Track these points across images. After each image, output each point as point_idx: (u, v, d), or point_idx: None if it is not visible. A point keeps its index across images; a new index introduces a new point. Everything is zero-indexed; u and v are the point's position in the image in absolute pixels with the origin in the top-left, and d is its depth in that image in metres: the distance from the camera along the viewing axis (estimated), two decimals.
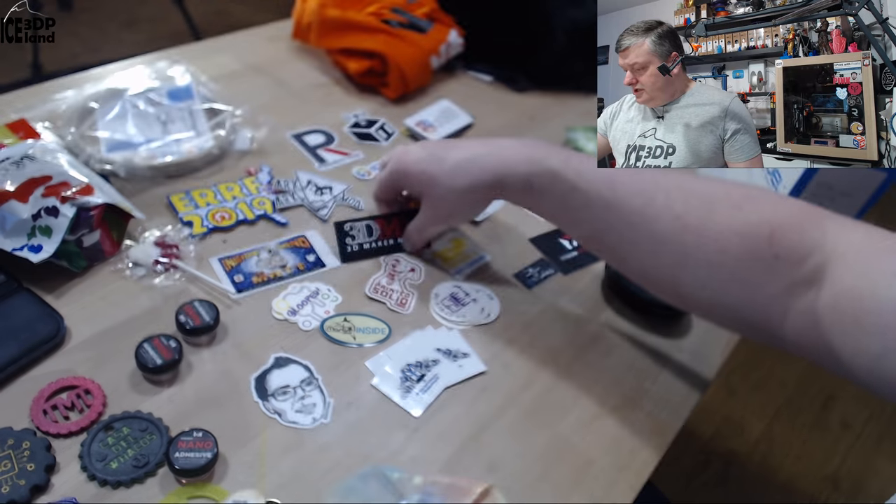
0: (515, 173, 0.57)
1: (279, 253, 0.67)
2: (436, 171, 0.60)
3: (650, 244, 0.51)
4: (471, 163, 0.59)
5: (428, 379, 0.57)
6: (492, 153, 0.59)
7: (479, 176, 0.58)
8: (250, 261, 0.65)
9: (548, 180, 0.55)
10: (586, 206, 0.54)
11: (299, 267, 0.66)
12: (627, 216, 0.52)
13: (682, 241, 0.49)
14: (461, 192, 0.60)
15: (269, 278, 0.64)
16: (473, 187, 0.59)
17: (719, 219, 0.48)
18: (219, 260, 0.65)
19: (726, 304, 0.49)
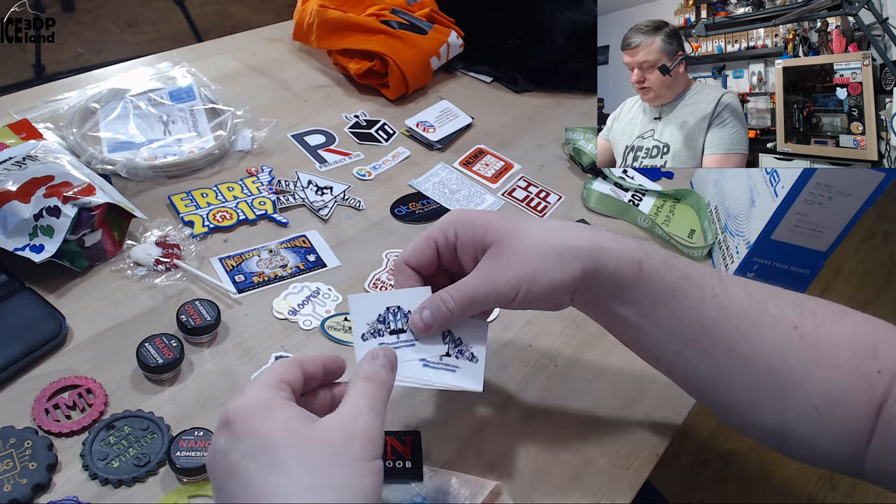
0: (625, 246, 0.45)
1: (280, 253, 0.67)
2: (519, 223, 0.46)
3: (764, 362, 0.43)
4: (566, 225, 0.47)
5: (403, 339, 0.47)
6: (588, 228, 0.48)
7: (577, 238, 0.45)
8: (251, 261, 0.66)
9: (660, 263, 0.45)
10: (699, 303, 0.44)
11: (300, 266, 0.66)
12: (741, 323, 0.43)
13: (800, 357, 0.42)
14: (551, 248, 0.45)
15: (269, 278, 0.64)
16: (570, 247, 0.45)
17: (829, 330, 0.43)
18: (220, 260, 0.65)
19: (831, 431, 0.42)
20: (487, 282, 0.45)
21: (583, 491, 0.52)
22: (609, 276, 0.45)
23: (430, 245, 0.48)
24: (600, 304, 0.47)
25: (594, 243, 0.45)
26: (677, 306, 0.45)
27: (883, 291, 2.08)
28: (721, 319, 0.44)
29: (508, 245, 0.45)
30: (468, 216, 0.48)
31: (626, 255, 0.45)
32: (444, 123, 0.91)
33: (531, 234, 0.45)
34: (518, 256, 0.45)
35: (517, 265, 0.45)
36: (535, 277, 0.44)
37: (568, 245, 0.45)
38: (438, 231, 0.48)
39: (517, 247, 0.45)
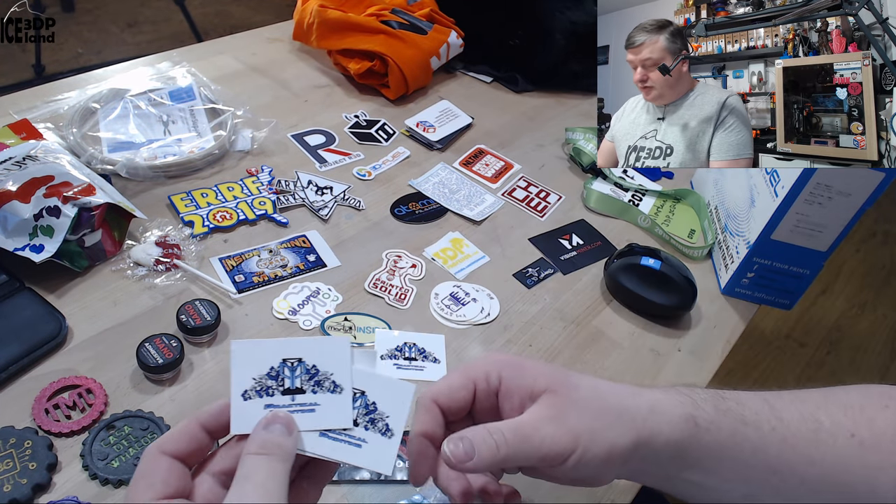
0: (675, 403, 0.41)
1: (280, 253, 0.67)
2: (570, 373, 0.42)
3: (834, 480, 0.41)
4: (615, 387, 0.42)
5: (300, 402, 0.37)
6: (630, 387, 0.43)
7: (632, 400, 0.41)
8: (251, 261, 0.66)
9: (712, 413, 0.41)
10: (761, 443, 0.41)
11: (300, 267, 0.66)
12: (804, 448, 0.41)
13: (865, 465, 0.41)
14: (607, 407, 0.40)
15: (269, 278, 0.64)
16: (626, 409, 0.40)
17: (882, 426, 0.42)
18: (220, 260, 0.65)
19: None
20: (544, 428, 0.39)
21: (583, 491, 0.52)
22: (665, 443, 0.40)
23: (468, 386, 0.41)
24: (656, 473, 0.43)
25: (646, 406, 0.41)
26: (741, 453, 0.41)
27: (883, 291, 2.08)
28: (786, 454, 0.41)
29: (565, 395, 0.40)
30: (514, 360, 0.42)
31: (678, 413, 0.41)
32: (444, 123, 0.91)
33: (584, 387, 0.41)
34: (575, 410, 0.39)
35: (575, 419, 0.39)
36: (595, 437, 0.39)
37: (623, 406, 0.40)
38: (480, 372, 0.42)
39: (573, 398, 0.40)
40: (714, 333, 0.67)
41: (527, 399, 0.40)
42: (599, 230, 0.78)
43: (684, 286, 0.67)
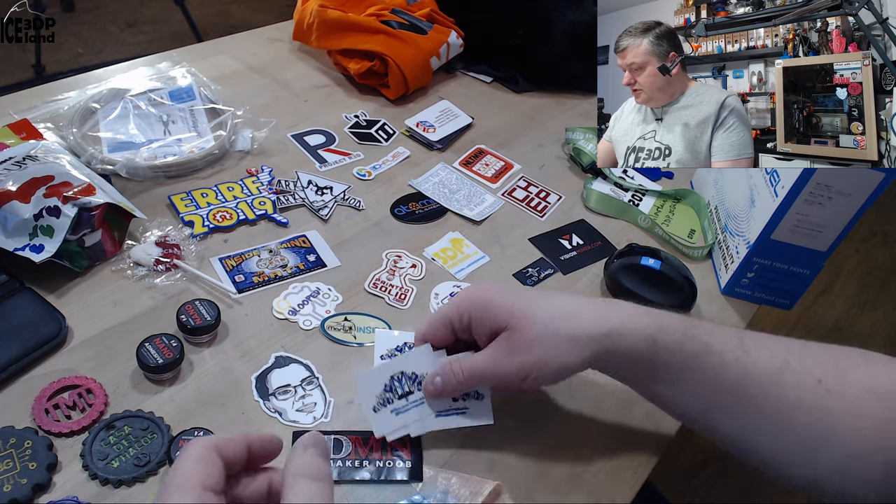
0: (637, 325, 0.46)
1: (280, 253, 0.67)
2: (531, 308, 0.47)
3: (790, 417, 0.44)
4: (580, 308, 0.48)
5: (413, 399, 0.50)
6: (602, 304, 0.48)
7: (590, 323, 0.46)
8: (251, 261, 0.66)
9: (677, 336, 0.46)
10: (720, 369, 0.45)
11: (300, 267, 0.66)
12: (765, 383, 0.44)
13: (825, 409, 0.43)
14: (563, 338, 0.46)
15: (269, 278, 0.64)
16: (581, 334, 0.46)
17: (853, 379, 0.43)
18: (220, 260, 0.65)
19: (865, 481, 0.42)
20: (497, 364, 0.48)
21: (583, 491, 0.52)
22: (622, 355, 0.46)
23: (446, 324, 0.51)
24: (621, 376, 0.50)
25: (604, 329, 0.46)
26: (700, 374, 0.46)
27: (883, 291, 2.08)
28: (744, 382, 0.45)
29: (518, 332, 0.47)
30: (483, 299, 0.49)
31: (640, 334, 0.46)
32: (444, 123, 0.91)
33: (539, 321, 0.47)
34: (526, 345, 0.47)
35: (525, 354, 0.47)
36: (543, 365, 0.47)
37: (575, 333, 0.46)
38: (454, 312, 0.50)
39: (526, 335, 0.47)
40: None
41: (493, 333, 0.49)
42: (599, 230, 0.78)
43: (684, 286, 0.67)
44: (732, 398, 0.45)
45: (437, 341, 0.52)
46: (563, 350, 0.46)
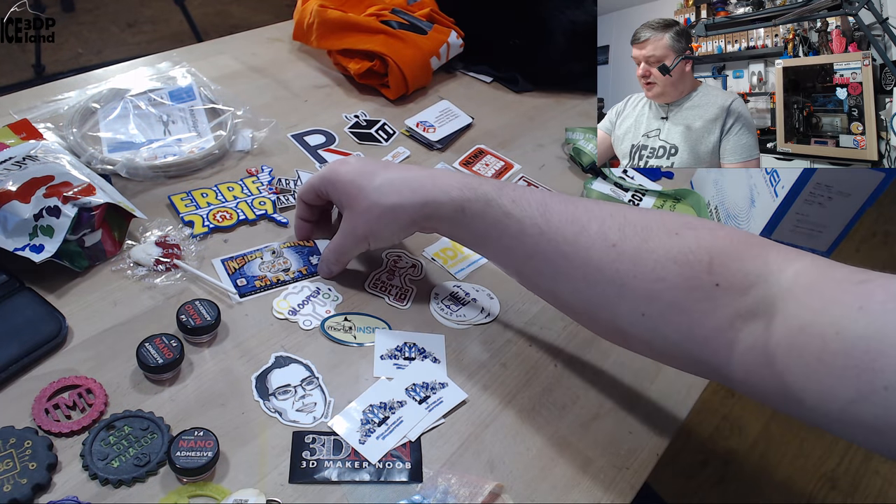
0: (448, 198, 0.54)
1: (283, 254, 0.67)
2: (365, 184, 0.57)
3: (584, 275, 0.49)
4: (402, 182, 0.56)
5: (391, 422, 0.54)
6: (424, 176, 0.56)
7: (408, 197, 0.55)
8: (253, 263, 0.65)
9: (481, 206, 0.53)
10: (519, 234, 0.52)
11: (302, 271, 0.65)
12: (560, 245, 0.50)
13: (618, 270, 0.47)
14: (385, 210, 0.56)
15: (272, 282, 0.64)
16: (399, 206, 0.56)
17: (655, 246, 0.46)
18: (222, 262, 0.65)
19: (667, 337, 0.46)
20: (345, 238, 0.60)
21: (583, 491, 0.52)
22: (440, 220, 0.56)
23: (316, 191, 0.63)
24: (443, 234, 0.59)
25: (420, 200, 0.55)
26: (499, 240, 0.53)
27: None
28: (541, 244, 0.51)
29: (355, 206, 0.58)
30: (330, 178, 0.60)
31: (450, 205, 0.54)
32: (444, 123, 0.91)
33: (368, 195, 0.57)
34: (360, 217, 0.58)
35: (360, 224, 0.58)
36: (375, 233, 0.58)
37: (395, 205, 0.56)
38: (317, 185, 0.62)
39: (359, 208, 0.57)
40: None
41: (343, 207, 0.60)
42: None
43: None
44: (534, 261, 0.52)
45: (308, 203, 0.65)
46: (389, 221, 0.57)
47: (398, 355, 0.59)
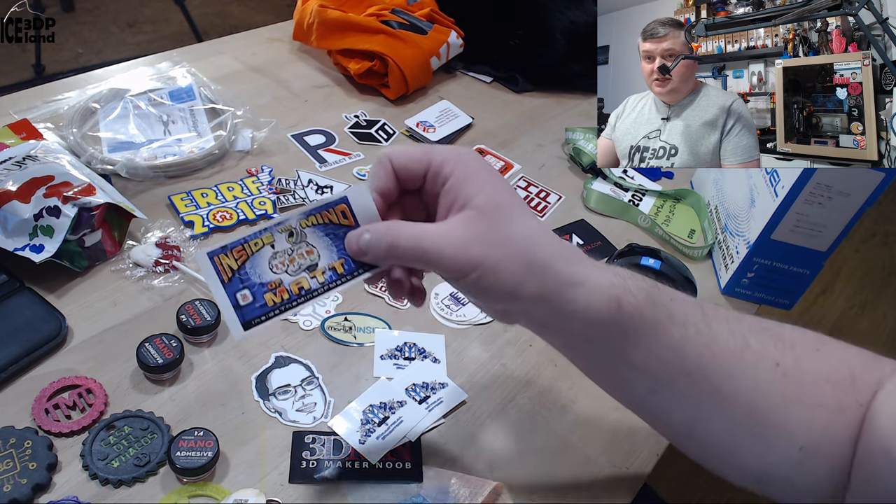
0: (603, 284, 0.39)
1: (305, 237, 0.43)
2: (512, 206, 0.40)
3: (747, 400, 0.40)
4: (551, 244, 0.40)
5: (391, 422, 0.53)
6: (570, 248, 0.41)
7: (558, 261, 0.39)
8: (261, 256, 0.41)
9: (641, 300, 0.40)
10: (681, 342, 0.40)
11: (336, 269, 0.41)
12: (726, 362, 0.40)
13: (784, 395, 0.40)
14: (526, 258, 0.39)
15: (291, 295, 0.41)
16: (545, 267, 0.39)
17: (807, 365, 0.41)
18: (209, 258, 0.41)
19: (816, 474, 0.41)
20: (448, 244, 0.38)
21: (583, 491, 0.52)
22: (576, 312, 0.39)
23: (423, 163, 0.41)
24: (561, 335, 0.43)
25: (569, 272, 0.39)
26: (657, 346, 0.40)
27: (883, 291, 2.08)
28: (705, 359, 0.40)
29: (490, 221, 0.39)
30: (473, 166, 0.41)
31: (605, 292, 0.39)
32: (444, 123, 0.91)
33: (516, 227, 0.39)
34: (493, 238, 0.39)
35: (488, 246, 0.38)
36: (498, 270, 0.38)
37: (546, 264, 0.39)
38: (439, 157, 0.41)
39: (497, 229, 0.39)
40: None
41: (457, 207, 0.40)
42: (599, 230, 0.78)
43: (684, 286, 0.67)
44: (690, 378, 0.41)
45: (403, 177, 0.42)
46: (520, 269, 0.38)
47: (398, 355, 0.59)
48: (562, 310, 0.39)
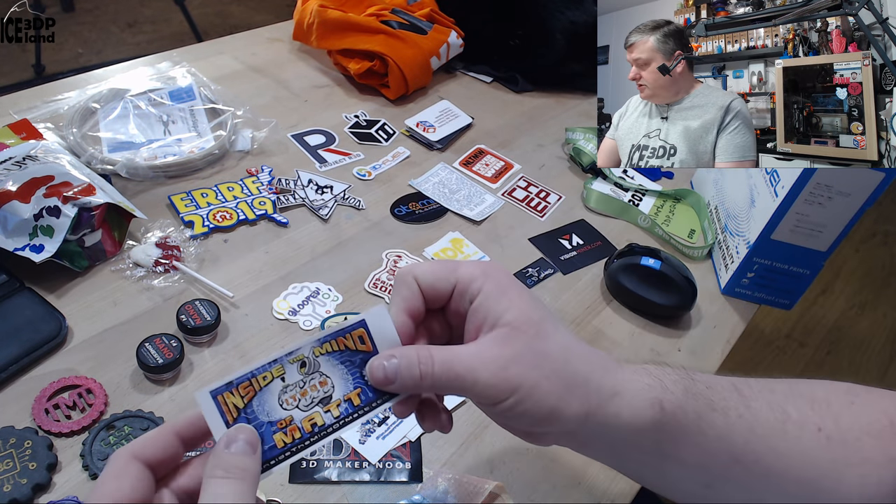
0: (640, 390, 0.38)
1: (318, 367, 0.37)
2: (543, 321, 0.38)
3: (797, 476, 0.39)
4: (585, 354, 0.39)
5: (391, 422, 0.53)
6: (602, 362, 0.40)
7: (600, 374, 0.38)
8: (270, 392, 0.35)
9: (680, 395, 0.38)
10: (726, 431, 0.39)
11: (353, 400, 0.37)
12: (770, 441, 0.39)
13: (832, 460, 0.39)
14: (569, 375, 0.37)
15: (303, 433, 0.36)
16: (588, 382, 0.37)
17: (846, 423, 0.40)
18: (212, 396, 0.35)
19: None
20: (484, 367, 0.36)
21: (583, 491, 0.52)
22: (620, 424, 0.38)
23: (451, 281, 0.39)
24: (606, 449, 0.41)
25: (610, 387, 0.38)
26: (705, 440, 0.39)
27: (883, 291, 2.08)
28: (752, 443, 0.39)
29: (526, 338, 0.37)
30: (502, 282, 0.39)
31: (645, 397, 0.38)
32: (444, 123, 0.91)
33: (553, 342, 0.38)
34: (530, 357, 0.37)
35: (521, 370, 0.36)
36: (537, 392, 0.36)
37: (585, 378, 0.37)
38: (467, 274, 0.39)
39: (533, 346, 0.37)
40: (714, 333, 0.67)
41: (488, 325, 0.38)
42: (599, 230, 0.78)
43: (684, 286, 0.67)
44: (741, 465, 0.39)
45: (429, 296, 0.39)
46: (560, 388, 0.36)
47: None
48: (606, 425, 0.38)
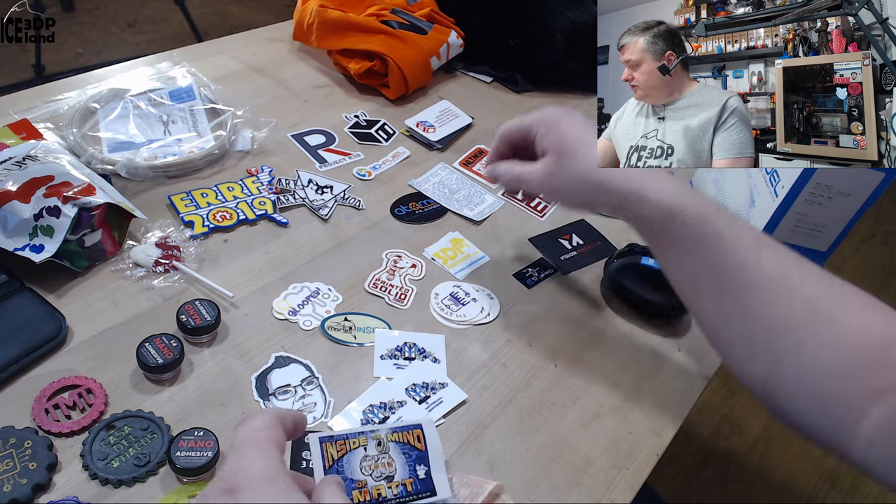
0: (660, 199, 0.50)
1: (389, 450, 0.47)
2: (579, 143, 0.55)
3: (770, 321, 0.46)
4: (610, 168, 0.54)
5: (391, 422, 0.54)
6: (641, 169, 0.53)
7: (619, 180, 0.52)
8: (355, 455, 0.45)
9: (692, 217, 0.49)
10: (721, 262, 0.48)
11: (406, 486, 0.45)
12: (760, 284, 0.47)
13: (804, 327, 0.45)
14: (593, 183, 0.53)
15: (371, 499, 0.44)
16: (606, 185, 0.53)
17: (847, 315, 0.46)
18: (320, 442, 0.45)
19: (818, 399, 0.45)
20: (536, 179, 0.58)
21: (583, 491, 0.52)
22: (640, 220, 0.52)
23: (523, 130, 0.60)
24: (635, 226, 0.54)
25: (634, 188, 0.51)
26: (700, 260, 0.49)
27: (883, 291, 2.08)
28: (742, 281, 0.47)
29: (561, 162, 0.56)
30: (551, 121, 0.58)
31: (664, 204, 0.50)
32: (444, 123, 0.91)
33: (580, 159, 0.54)
34: (563, 175, 0.55)
35: (561, 182, 0.56)
36: (569, 199, 0.57)
37: (610, 184, 0.52)
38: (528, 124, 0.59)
39: (566, 166, 0.55)
40: None
41: (540, 152, 0.58)
42: (599, 230, 0.78)
43: None
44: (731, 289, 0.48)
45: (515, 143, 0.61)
46: (589, 193, 0.54)
47: (398, 355, 0.59)
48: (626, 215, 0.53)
